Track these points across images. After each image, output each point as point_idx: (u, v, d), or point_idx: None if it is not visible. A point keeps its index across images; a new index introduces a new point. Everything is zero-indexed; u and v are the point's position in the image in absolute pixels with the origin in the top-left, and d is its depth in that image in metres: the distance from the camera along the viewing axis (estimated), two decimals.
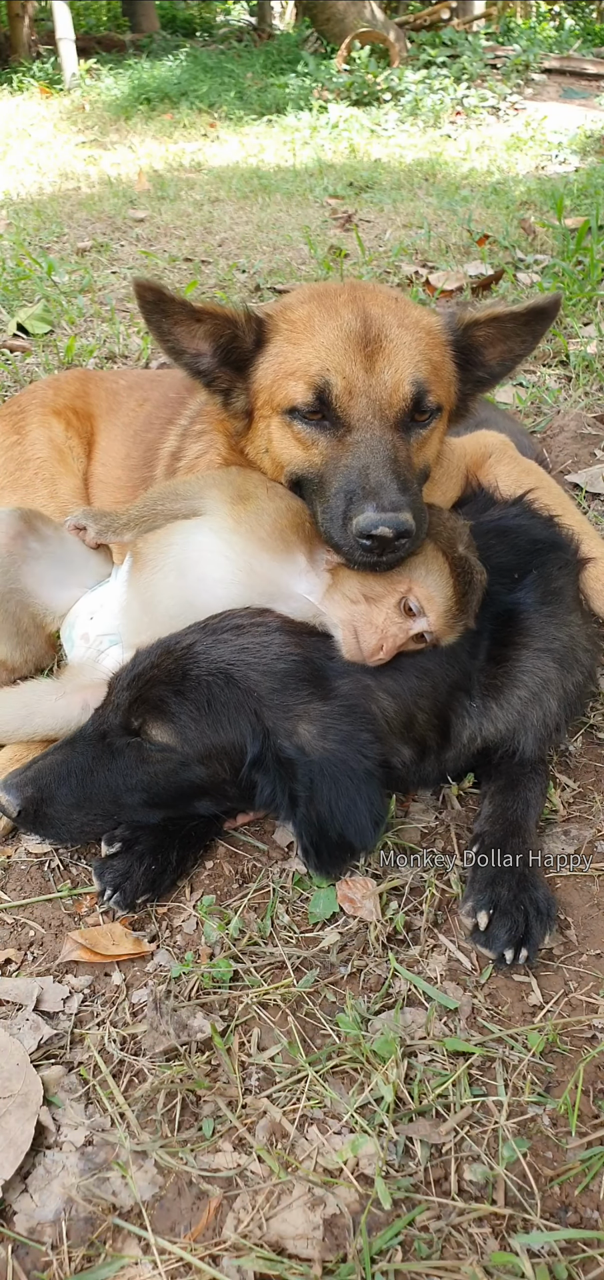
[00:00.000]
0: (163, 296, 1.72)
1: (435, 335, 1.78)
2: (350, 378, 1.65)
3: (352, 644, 1.57)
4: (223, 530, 1.68)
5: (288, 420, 1.72)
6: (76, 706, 1.77)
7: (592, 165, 7.81)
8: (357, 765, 1.49)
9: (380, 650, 1.56)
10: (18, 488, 2.36)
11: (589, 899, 1.64)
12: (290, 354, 1.72)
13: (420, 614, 1.57)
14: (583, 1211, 1.20)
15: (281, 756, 1.50)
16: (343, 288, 1.84)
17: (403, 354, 1.68)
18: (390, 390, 1.66)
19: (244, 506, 1.70)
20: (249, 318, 1.78)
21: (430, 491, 1.89)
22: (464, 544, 1.65)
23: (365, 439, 1.61)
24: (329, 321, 1.71)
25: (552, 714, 1.75)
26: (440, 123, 10.65)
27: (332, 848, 1.50)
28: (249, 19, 20.92)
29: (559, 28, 15.18)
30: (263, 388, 1.77)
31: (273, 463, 1.80)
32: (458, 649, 1.64)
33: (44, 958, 1.57)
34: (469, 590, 1.60)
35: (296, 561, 1.65)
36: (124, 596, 1.82)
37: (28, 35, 16.70)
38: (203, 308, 1.75)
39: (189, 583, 1.68)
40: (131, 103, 12.45)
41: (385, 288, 1.90)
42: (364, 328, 1.69)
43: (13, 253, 5.53)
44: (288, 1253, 1.15)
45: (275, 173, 8.41)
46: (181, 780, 1.58)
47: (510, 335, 1.84)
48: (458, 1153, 1.27)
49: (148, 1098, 1.34)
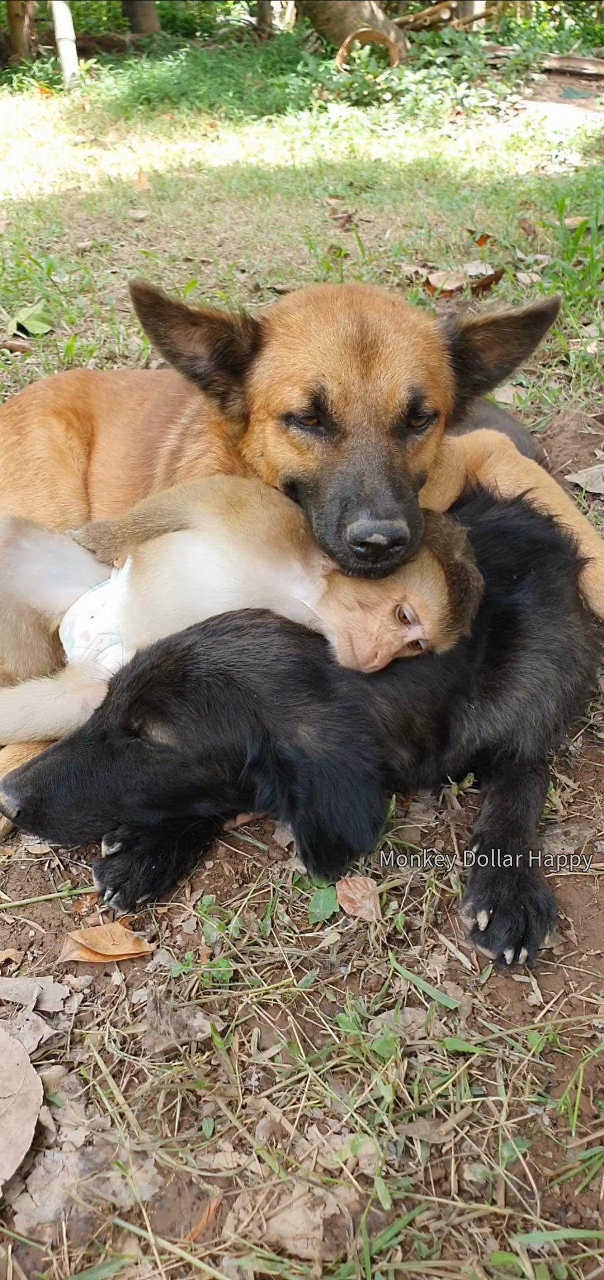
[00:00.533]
0: (159, 300, 1.72)
1: (433, 339, 1.78)
2: (346, 383, 1.65)
3: (346, 650, 1.57)
4: (218, 540, 1.68)
5: (283, 425, 1.71)
6: (77, 706, 1.77)
7: (592, 165, 7.81)
8: (356, 768, 1.49)
9: (375, 658, 1.56)
10: (18, 488, 2.36)
11: (589, 899, 1.64)
12: (286, 359, 1.72)
13: (415, 622, 1.57)
14: (583, 1211, 1.20)
15: (281, 758, 1.50)
16: (340, 291, 1.83)
17: (399, 359, 1.67)
18: (386, 396, 1.65)
19: (238, 515, 1.70)
20: (245, 321, 1.78)
21: (429, 492, 1.88)
22: (461, 550, 1.64)
23: (361, 445, 1.61)
24: (325, 326, 1.70)
25: (550, 715, 1.75)
26: (440, 123, 10.65)
27: (330, 850, 1.50)
28: (249, 19, 20.91)
29: (559, 28, 15.18)
30: (259, 392, 1.77)
31: (268, 467, 1.79)
32: (456, 652, 1.64)
33: (44, 958, 1.57)
34: (465, 598, 1.59)
35: (292, 568, 1.65)
36: (126, 597, 1.82)
37: (28, 35, 16.69)
38: (199, 311, 1.74)
39: (188, 590, 1.68)
40: (131, 103, 12.45)
41: (383, 291, 1.89)
42: (360, 333, 1.68)
43: (13, 253, 5.53)
44: (288, 1253, 1.15)
45: (275, 173, 8.41)
46: (181, 781, 1.58)
47: (509, 339, 1.83)
48: (458, 1153, 1.27)
49: (148, 1098, 1.34)
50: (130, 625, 1.77)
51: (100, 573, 1.96)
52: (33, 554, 1.95)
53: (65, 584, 1.95)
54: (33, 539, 1.97)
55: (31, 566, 1.94)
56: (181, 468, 2.10)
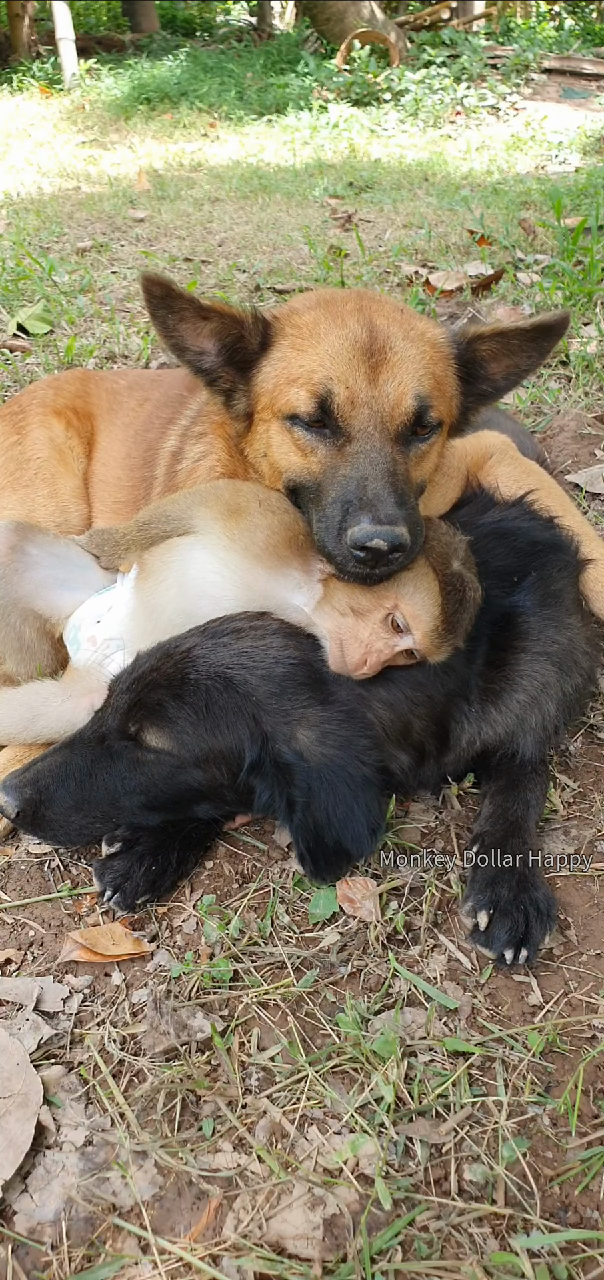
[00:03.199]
0: (171, 292, 1.72)
1: (440, 348, 1.78)
2: (353, 388, 1.64)
3: (336, 656, 1.56)
4: (217, 548, 1.68)
5: (288, 426, 1.71)
6: (83, 710, 1.76)
7: (592, 165, 7.81)
8: (355, 772, 1.48)
9: (364, 665, 1.55)
10: (18, 488, 2.36)
11: (589, 899, 1.64)
12: (294, 359, 1.72)
13: (407, 631, 1.56)
14: (583, 1211, 1.20)
15: (280, 762, 1.50)
16: (350, 296, 1.83)
17: (407, 367, 1.67)
18: (393, 403, 1.65)
19: (236, 522, 1.69)
20: (256, 318, 1.78)
21: (431, 494, 1.88)
22: (460, 560, 1.62)
23: (365, 450, 1.61)
24: (335, 330, 1.70)
25: (550, 717, 1.75)
26: (440, 123, 10.66)
27: (328, 854, 1.50)
28: (249, 19, 20.91)
29: (559, 28, 15.19)
30: (265, 391, 1.77)
31: (271, 467, 1.79)
32: (455, 655, 1.63)
33: (44, 958, 1.57)
34: (459, 609, 1.57)
35: (291, 576, 1.65)
36: (131, 603, 1.82)
37: (28, 35, 16.68)
38: (210, 305, 1.74)
39: (190, 597, 1.69)
40: (131, 103, 12.45)
41: (391, 299, 1.89)
42: (369, 338, 1.68)
43: (13, 253, 5.53)
44: (288, 1253, 1.15)
45: (275, 173, 8.41)
46: (179, 784, 1.58)
47: (516, 351, 1.82)
48: (458, 1153, 1.27)
49: (148, 1098, 1.34)
50: (135, 631, 1.77)
51: (105, 576, 1.96)
52: (38, 560, 1.95)
53: (71, 589, 1.95)
54: (38, 544, 1.96)
55: (37, 572, 1.94)
56: (183, 469, 2.10)
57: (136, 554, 1.87)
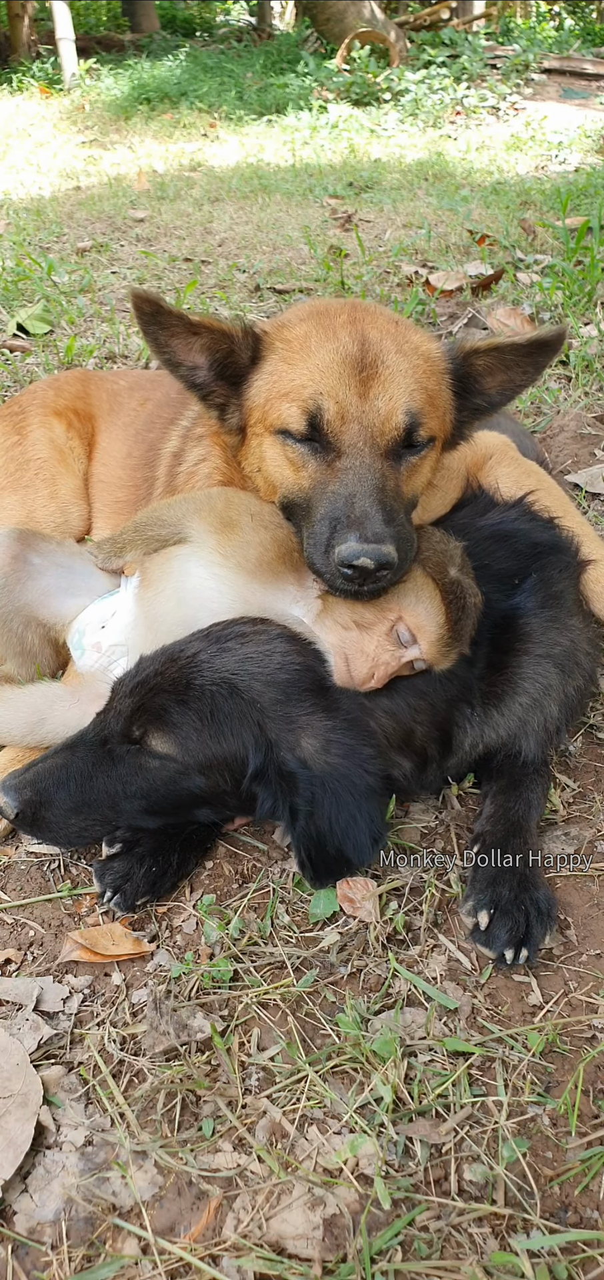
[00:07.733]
0: (160, 309, 1.69)
1: (433, 363, 1.75)
2: (343, 403, 1.62)
3: (342, 670, 1.55)
4: (211, 564, 1.68)
5: (280, 440, 1.70)
6: (90, 716, 1.76)
7: (592, 165, 7.81)
8: (359, 781, 1.48)
9: (372, 678, 1.54)
10: (18, 488, 2.36)
11: (589, 899, 1.64)
12: (285, 374, 1.70)
13: (412, 643, 1.55)
14: (583, 1211, 1.20)
15: (284, 770, 1.50)
16: (343, 307, 1.80)
17: (398, 382, 1.65)
18: (383, 418, 1.63)
19: (228, 537, 1.68)
20: (246, 333, 1.75)
21: (430, 495, 1.88)
22: (457, 567, 1.61)
23: (354, 466, 1.59)
24: (326, 343, 1.68)
25: (552, 718, 1.75)
26: (440, 123, 10.65)
27: (329, 862, 1.50)
28: (249, 19, 20.91)
29: (559, 28, 15.19)
30: (256, 405, 1.75)
31: (265, 481, 1.78)
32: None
33: (44, 958, 1.57)
34: (462, 616, 1.57)
35: (287, 590, 1.65)
36: (133, 611, 1.82)
37: (28, 35, 16.68)
38: (200, 321, 1.72)
39: (188, 609, 1.68)
40: (131, 103, 12.44)
41: (387, 311, 1.87)
42: (361, 352, 1.65)
43: (13, 253, 5.53)
44: (288, 1253, 1.15)
45: (275, 173, 8.41)
46: (181, 789, 1.57)
47: (511, 366, 1.80)
48: (458, 1153, 1.27)
49: (148, 1098, 1.34)
50: (137, 640, 1.77)
51: (107, 580, 1.96)
52: (41, 568, 1.94)
53: (73, 595, 1.94)
54: (41, 553, 1.96)
55: (40, 581, 1.93)
56: (183, 472, 2.09)
57: (133, 553, 1.87)
